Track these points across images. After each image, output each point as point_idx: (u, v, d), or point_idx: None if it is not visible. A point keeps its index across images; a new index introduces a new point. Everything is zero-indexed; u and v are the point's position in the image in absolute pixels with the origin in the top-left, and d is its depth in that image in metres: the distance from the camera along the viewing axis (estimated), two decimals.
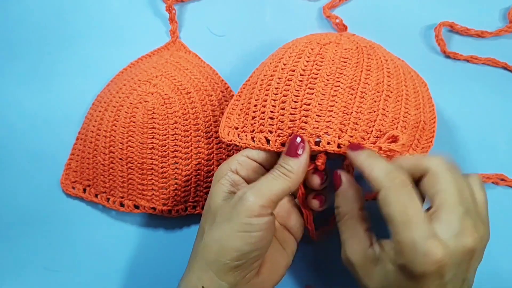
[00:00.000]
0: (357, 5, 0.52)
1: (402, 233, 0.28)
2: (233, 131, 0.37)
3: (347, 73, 0.35)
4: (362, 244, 0.31)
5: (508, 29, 0.49)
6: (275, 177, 0.32)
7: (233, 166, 0.34)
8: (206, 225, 0.32)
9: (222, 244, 0.30)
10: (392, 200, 0.29)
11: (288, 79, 0.36)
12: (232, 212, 0.31)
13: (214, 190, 0.33)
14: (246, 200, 0.30)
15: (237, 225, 0.30)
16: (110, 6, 0.53)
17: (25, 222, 0.43)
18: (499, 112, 0.46)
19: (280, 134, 0.34)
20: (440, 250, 0.27)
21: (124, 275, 0.41)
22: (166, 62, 0.45)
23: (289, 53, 0.38)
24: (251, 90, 0.38)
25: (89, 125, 0.43)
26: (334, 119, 0.34)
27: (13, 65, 0.50)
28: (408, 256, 0.28)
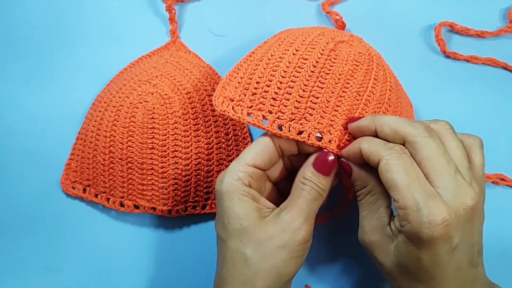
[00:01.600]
0: (357, 5, 0.52)
1: (405, 196, 0.28)
2: (227, 102, 0.35)
3: (357, 77, 0.35)
4: (381, 221, 0.31)
5: (508, 29, 0.49)
6: (314, 198, 0.32)
7: (245, 180, 0.32)
8: (247, 251, 0.30)
9: (279, 271, 0.30)
10: (393, 164, 0.29)
11: (299, 66, 0.35)
12: (286, 240, 0.30)
13: (242, 210, 0.31)
14: (300, 230, 0.31)
15: (293, 253, 0.30)
16: (110, 6, 0.53)
17: (25, 222, 0.43)
18: (499, 112, 0.46)
19: (280, 117, 0.34)
20: (444, 209, 0.27)
21: (124, 275, 0.41)
22: (166, 62, 0.45)
23: (301, 40, 0.37)
24: (254, 66, 0.37)
25: (89, 125, 0.43)
26: (338, 120, 0.34)
27: (13, 65, 0.50)
28: (413, 220, 0.27)
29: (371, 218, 0.32)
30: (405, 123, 0.30)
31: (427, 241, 0.27)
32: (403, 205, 0.28)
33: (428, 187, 0.28)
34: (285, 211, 0.31)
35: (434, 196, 0.28)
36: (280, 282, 0.31)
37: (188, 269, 0.42)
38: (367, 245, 0.32)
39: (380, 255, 0.31)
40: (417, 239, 0.28)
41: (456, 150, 0.30)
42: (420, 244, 0.28)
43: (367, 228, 0.32)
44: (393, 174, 0.28)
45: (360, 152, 0.31)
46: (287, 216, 0.31)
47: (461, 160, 0.30)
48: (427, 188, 0.28)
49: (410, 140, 0.30)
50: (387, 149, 0.30)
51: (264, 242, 0.30)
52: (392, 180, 0.28)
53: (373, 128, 0.32)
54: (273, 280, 0.30)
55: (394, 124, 0.31)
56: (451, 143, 0.31)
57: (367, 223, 0.32)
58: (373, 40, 0.50)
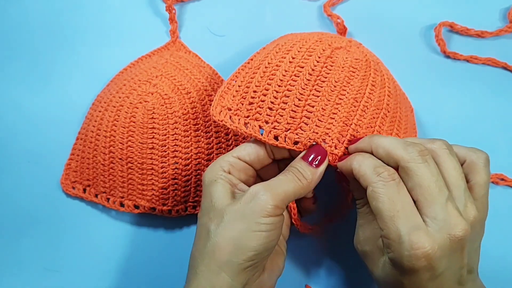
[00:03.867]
0: (357, 5, 0.52)
1: (389, 227, 0.28)
2: (225, 112, 0.35)
3: (354, 84, 0.35)
4: (374, 232, 0.31)
5: (508, 29, 0.49)
6: (290, 180, 0.31)
7: (226, 167, 0.33)
8: (211, 225, 0.31)
9: (236, 244, 0.30)
10: (379, 194, 0.29)
11: (295, 74, 0.35)
12: (246, 211, 0.30)
13: (215, 189, 0.32)
14: (261, 199, 0.30)
15: (252, 225, 0.30)
16: (110, 6, 0.53)
17: (25, 222, 0.43)
18: (499, 112, 0.46)
19: (276, 127, 0.33)
20: (427, 242, 0.27)
21: (124, 275, 0.41)
22: (166, 62, 0.45)
23: (298, 47, 0.37)
24: (252, 75, 0.36)
25: (89, 125, 0.43)
26: (334, 128, 0.33)
27: (13, 65, 0.50)
28: (395, 250, 0.28)
29: (366, 228, 0.32)
30: (399, 147, 0.30)
31: (408, 271, 0.28)
32: (387, 235, 0.28)
33: (414, 217, 0.28)
34: (254, 185, 0.31)
35: (418, 228, 0.27)
36: (240, 256, 0.29)
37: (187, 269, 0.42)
38: (360, 253, 0.33)
39: (370, 265, 0.32)
40: (399, 267, 0.28)
41: (453, 172, 0.30)
42: (402, 271, 0.28)
43: (361, 237, 0.32)
44: (379, 203, 0.29)
45: (351, 170, 0.31)
46: (252, 189, 0.30)
47: (457, 181, 0.30)
48: (412, 219, 0.28)
49: (402, 166, 0.29)
50: (375, 175, 0.29)
51: (226, 214, 0.30)
52: (377, 209, 0.29)
53: (370, 150, 0.32)
54: (232, 253, 0.29)
55: (388, 147, 0.30)
56: (447, 164, 0.30)
57: (362, 232, 0.32)
58: (373, 41, 0.50)
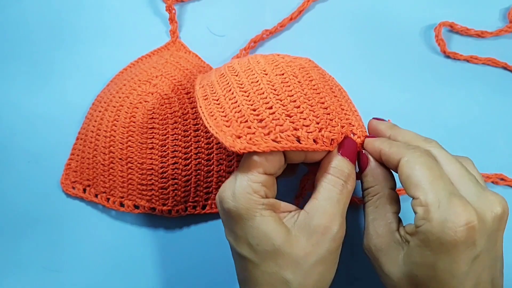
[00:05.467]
0: (357, 5, 0.52)
1: (427, 192, 0.26)
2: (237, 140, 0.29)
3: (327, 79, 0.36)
4: (389, 226, 0.29)
5: (508, 29, 0.49)
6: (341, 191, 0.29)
7: (261, 191, 0.28)
8: (286, 273, 0.28)
9: (322, 285, 0.29)
10: (415, 162, 0.27)
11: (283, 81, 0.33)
12: (322, 252, 0.28)
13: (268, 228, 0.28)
14: (335, 237, 0.28)
15: (332, 262, 0.29)
16: (110, 6, 0.53)
17: (25, 222, 0.43)
18: (499, 112, 0.46)
19: (308, 130, 0.30)
20: (471, 209, 0.25)
21: (124, 275, 0.41)
22: (166, 62, 0.45)
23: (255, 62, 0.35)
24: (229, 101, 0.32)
25: (89, 125, 0.43)
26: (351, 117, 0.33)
27: (12, 65, 0.50)
28: (434, 218, 0.25)
29: (378, 224, 0.30)
30: (420, 138, 0.30)
31: (447, 244, 0.25)
32: (424, 201, 0.26)
33: (453, 187, 0.26)
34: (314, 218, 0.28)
35: (460, 196, 0.25)
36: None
37: (188, 269, 0.42)
38: (374, 252, 0.30)
39: (387, 264, 0.29)
40: (435, 242, 0.25)
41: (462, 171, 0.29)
42: (438, 248, 0.25)
43: (373, 234, 0.30)
44: (415, 170, 0.27)
45: (379, 151, 0.30)
46: (318, 225, 0.28)
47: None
48: (452, 187, 0.26)
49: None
50: (409, 148, 0.28)
51: (301, 260, 0.27)
52: (414, 176, 0.27)
53: (387, 134, 0.32)
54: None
55: (408, 137, 0.30)
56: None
57: (373, 228, 0.30)
58: (373, 40, 0.50)
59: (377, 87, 0.48)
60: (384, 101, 0.47)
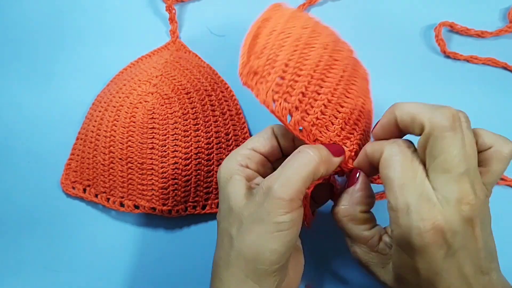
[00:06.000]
0: (357, 5, 0.52)
1: (397, 197, 0.26)
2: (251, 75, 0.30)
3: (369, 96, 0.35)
4: (370, 242, 0.30)
5: (508, 29, 0.49)
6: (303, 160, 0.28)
7: (242, 161, 0.31)
8: (232, 230, 0.29)
9: (258, 250, 0.27)
10: (391, 160, 0.26)
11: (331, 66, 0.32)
12: (261, 212, 0.27)
13: (231, 190, 0.29)
14: (275, 197, 0.27)
15: (270, 226, 0.27)
16: (110, 6, 0.53)
17: (25, 222, 0.43)
18: (499, 112, 0.46)
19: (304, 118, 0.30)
20: (437, 212, 0.25)
21: (124, 275, 0.41)
22: (166, 62, 0.45)
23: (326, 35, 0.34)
24: (279, 41, 0.32)
25: (89, 125, 0.43)
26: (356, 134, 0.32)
27: (13, 65, 0.50)
28: (403, 224, 0.25)
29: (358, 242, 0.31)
30: (426, 111, 0.26)
31: (418, 248, 0.25)
32: (394, 206, 0.26)
33: (425, 187, 0.26)
34: (265, 179, 0.28)
35: (428, 199, 0.25)
36: (265, 261, 0.27)
37: (188, 269, 0.42)
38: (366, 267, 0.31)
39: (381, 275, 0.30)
40: (407, 246, 0.26)
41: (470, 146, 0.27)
42: (412, 251, 0.26)
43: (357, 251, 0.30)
44: (390, 172, 0.26)
45: (366, 157, 0.29)
46: (264, 184, 0.28)
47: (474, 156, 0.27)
48: (423, 189, 0.26)
49: (426, 132, 0.26)
50: (389, 143, 0.28)
51: (244, 219, 0.28)
52: (388, 178, 0.26)
53: (394, 119, 0.28)
54: (255, 259, 0.27)
55: (414, 111, 0.27)
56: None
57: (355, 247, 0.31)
58: (373, 40, 0.50)
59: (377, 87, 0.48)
60: (384, 101, 0.47)
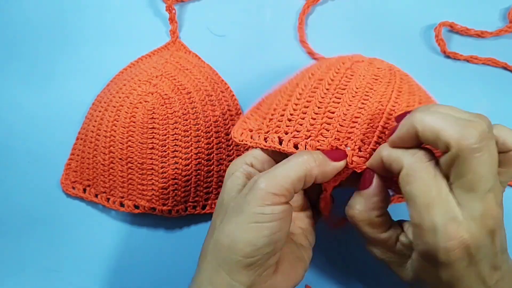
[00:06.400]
0: (357, 5, 0.52)
1: (423, 216, 0.25)
2: (246, 133, 0.35)
3: (377, 89, 0.34)
4: (388, 244, 0.30)
5: (508, 29, 0.49)
6: (295, 163, 0.28)
7: (248, 160, 0.31)
8: (217, 221, 0.29)
9: (233, 239, 0.27)
10: (414, 176, 0.26)
11: (315, 86, 0.34)
12: (242, 202, 0.27)
13: (228, 184, 0.30)
14: (257, 188, 0.27)
15: (248, 216, 0.27)
16: (110, 6, 0.53)
17: (25, 222, 0.43)
18: (499, 112, 0.46)
19: (296, 136, 0.32)
20: (464, 232, 0.25)
21: (124, 275, 0.41)
22: (166, 62, 0.45)
23: (318, 66, 0.37)
24: (272, 99, 0.36)
25: (89, 125, 0.43)
26: (357, 131, 0.32)
27: (13, 65, 0.50)
28: (429, 242, 0.25)
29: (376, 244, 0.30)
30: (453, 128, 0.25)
31: (443, 263, 0.25)
32: (420, 225, 0.26)
33: (450, 205, 0.25)
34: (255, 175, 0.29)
35: (454, 217, 0.25)
36: (237, 252, 0.27)
37: (188, 269, 0.42)
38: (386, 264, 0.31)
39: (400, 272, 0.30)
40: (432, 260, 0.26)
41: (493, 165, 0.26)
42: (436, 264, 0.26)
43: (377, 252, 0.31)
44: (413, 188, 0.26)
45: (381, 161, 0.28)
46: (251, 180, 0.28)
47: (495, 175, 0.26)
48: (448, 206, 0.25)
49: (453, 152, 0.24)
50: (410, 155, 0.27)
51: (229, 209, 0.28)
52: (411, 195, 0.26)
53: (414, 133, 0.26)
54: (229, 249, 0.27)
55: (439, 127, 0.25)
56: None
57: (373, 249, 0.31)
58: (373, 40, 0.50)
59: None
60: None
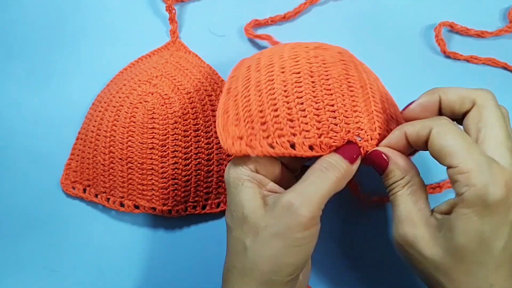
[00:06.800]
0: (357, 5, 0.52)
1: (466, 158, 0.27)
2: (238, 141, 0.31)
3: (352, 74, 0.34)
4: (423, 212, 0.30)
5: (508, 29, 0.49)
6: (323, 178, 0.29)
7: (251, 165, 0.31)
8: (246, 240, 0.29)
9: (277, 262, 0.28)
10: (447, 131, 0.28)
11: (296, 81, 0.33)
12: (281, 226, 0.28)
13: (244, 197, 0.30)
14: (298, 214, 0.28)
15: (290, 241, 0.28)
16: (110, 6, 0.53)
17: (25, 222, 0.43)
18: None
19: (307, 136, 0.31)
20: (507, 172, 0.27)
21: (124, 275, 0.41)
22: (166, 62, 0.45)
23: (278, 57, 0.35)
24: (244, 100, 0.33)
25: (89, 125, 0.43)
26: (363, 119, 0.32)
27: (12, 65, 0.50)
28: (478, 181, 0.26)
29: (411, 211, 0.30)
30: (472, 89, 0.31)
31: (491, 206, 0.26)
32: (465, 168, 0.26)
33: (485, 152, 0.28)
34: (284, 195, 0.29)
35: (494, 161, 0.27)
36: (281, 273, 0.29)
37: (188, 269, 0.42)
38: (410, 241, 0.29)
39: (427, 248, 0.29)
40: (480, 206, 0.26)
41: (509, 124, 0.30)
42: (483, 211, 0.26)
43: (407, 223, 0.30)
44: (449, 140, 0.27)
45: (403, 137, 0.30)
46: (285, 200, 0.28)
47: None
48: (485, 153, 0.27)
49: (480, 104, 0.29)
50: (437, 119, 0.29)
51: (262, 230, 0.29)
52: (448, 146, 0.27)
53: (436, 99, 0.31)
54: (272, 271, 0.28)
55: (461, 90, 0.31)
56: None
57: (407, 218, 0.30)
58: (373, 40, 0.50)
59: None
60: None
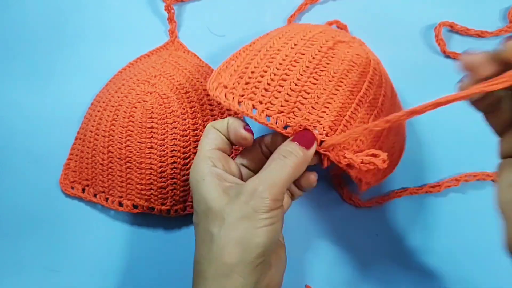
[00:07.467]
0: (357, 5, 0.52)
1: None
2: (221, 88, 0.35)
3: (352, 77, 0.35)
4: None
5: (508, 29, 0.49)
6: (283, 165, 0.31)
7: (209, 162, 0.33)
8: (213, 228, 0.30)
9: (245, 243, 0.29)
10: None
11: (295, 60, 0.35)
12: (247, 209, 0.29)
13: (206, 189, 0.31)
14: (262, 197, 0.29)
15: (256, 222, 0.29)
16: (109, 6, 0.53)
17: (24, 222, 0.43)
18: None
19: (269, 108, 0.33)
20: None
21: (123, 275, 0.41)
22: (164, 61, 0.45)
23: (301, 35, 0.37)
24: (252, 56, 0.37)
25: (88, 125, 0.43)
26: (326, 117, 0.33)
27: (12, 65, 0.50)
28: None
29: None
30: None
31: None
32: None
33: None
34: (247, 183, 0.31)
35: None
36: (250, 255, 0.29)
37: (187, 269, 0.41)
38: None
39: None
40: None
41: None
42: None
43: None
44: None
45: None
46: (250, 186, 0.30)
47: None
48: None
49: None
50: None
51: (228, 215, 0.30)
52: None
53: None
54: (240, 253, 0.29)
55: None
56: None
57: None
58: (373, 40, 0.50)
59: None
60: None
